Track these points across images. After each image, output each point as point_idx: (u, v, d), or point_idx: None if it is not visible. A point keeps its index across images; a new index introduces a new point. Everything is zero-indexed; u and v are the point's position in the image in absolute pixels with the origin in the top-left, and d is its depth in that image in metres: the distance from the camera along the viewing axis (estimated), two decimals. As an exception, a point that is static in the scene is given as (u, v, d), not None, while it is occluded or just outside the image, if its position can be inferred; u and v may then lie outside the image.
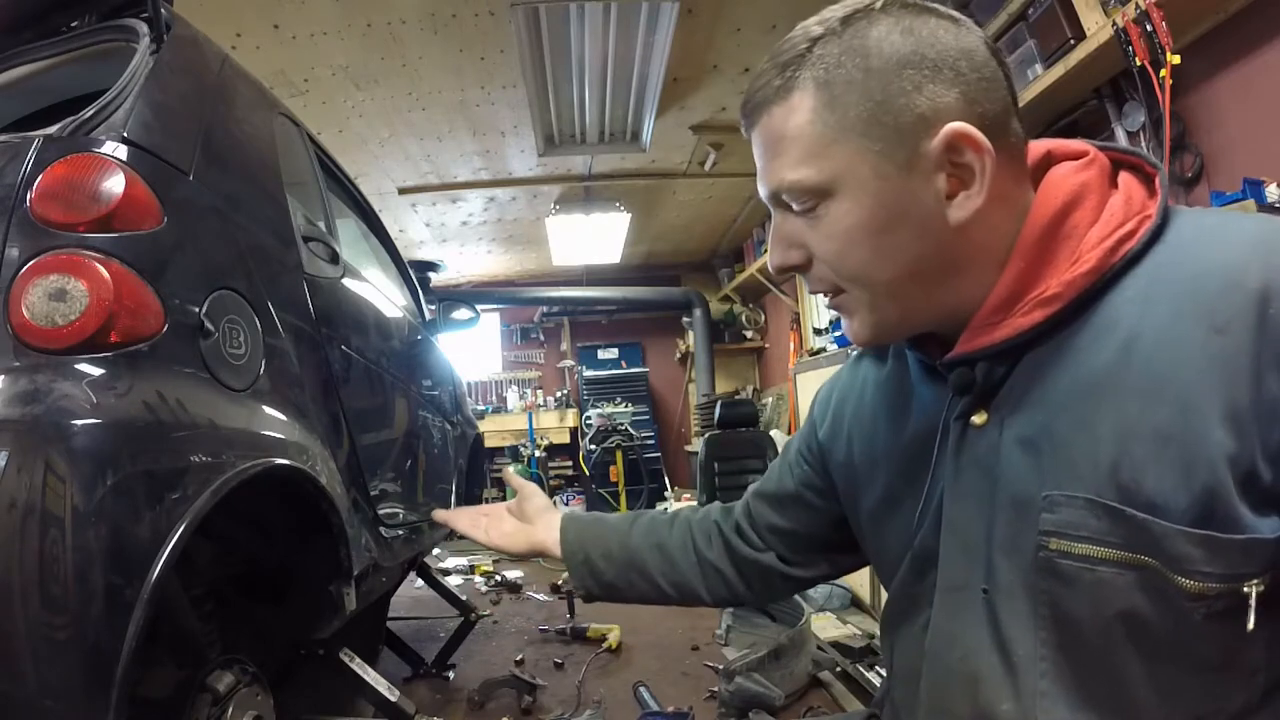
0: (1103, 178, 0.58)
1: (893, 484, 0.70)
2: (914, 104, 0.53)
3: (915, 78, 0.53)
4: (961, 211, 0.55)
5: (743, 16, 2.87)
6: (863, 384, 0.77)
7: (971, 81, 0.54)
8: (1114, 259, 0.53)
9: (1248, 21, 1.88)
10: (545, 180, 4.60)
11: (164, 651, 1.01)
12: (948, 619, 0.62)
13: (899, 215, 0.55)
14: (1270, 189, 1.69)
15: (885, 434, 0.71)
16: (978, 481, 0.59)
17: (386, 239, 2.36)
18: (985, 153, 0.53)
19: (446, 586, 2.90)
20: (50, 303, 0.85)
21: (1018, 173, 0.58)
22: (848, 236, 0.57)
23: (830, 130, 0.55)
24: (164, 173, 1.04)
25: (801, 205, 0.58)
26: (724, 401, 4.53)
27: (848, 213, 0.56)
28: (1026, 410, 0.56)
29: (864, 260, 0.57)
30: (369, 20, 2.77)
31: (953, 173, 0.55)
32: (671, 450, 6.98)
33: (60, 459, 0.77)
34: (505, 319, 7.20)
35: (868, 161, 0.55)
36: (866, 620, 3.05)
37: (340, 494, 1.32)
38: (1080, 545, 0.52)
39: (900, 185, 0.55)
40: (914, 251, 0.56)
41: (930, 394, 0.66)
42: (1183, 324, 0.49)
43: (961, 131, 0.53)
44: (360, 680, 1.47)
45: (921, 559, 0.66)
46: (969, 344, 0.58)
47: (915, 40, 0.54)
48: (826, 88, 0.55)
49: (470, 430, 3.01)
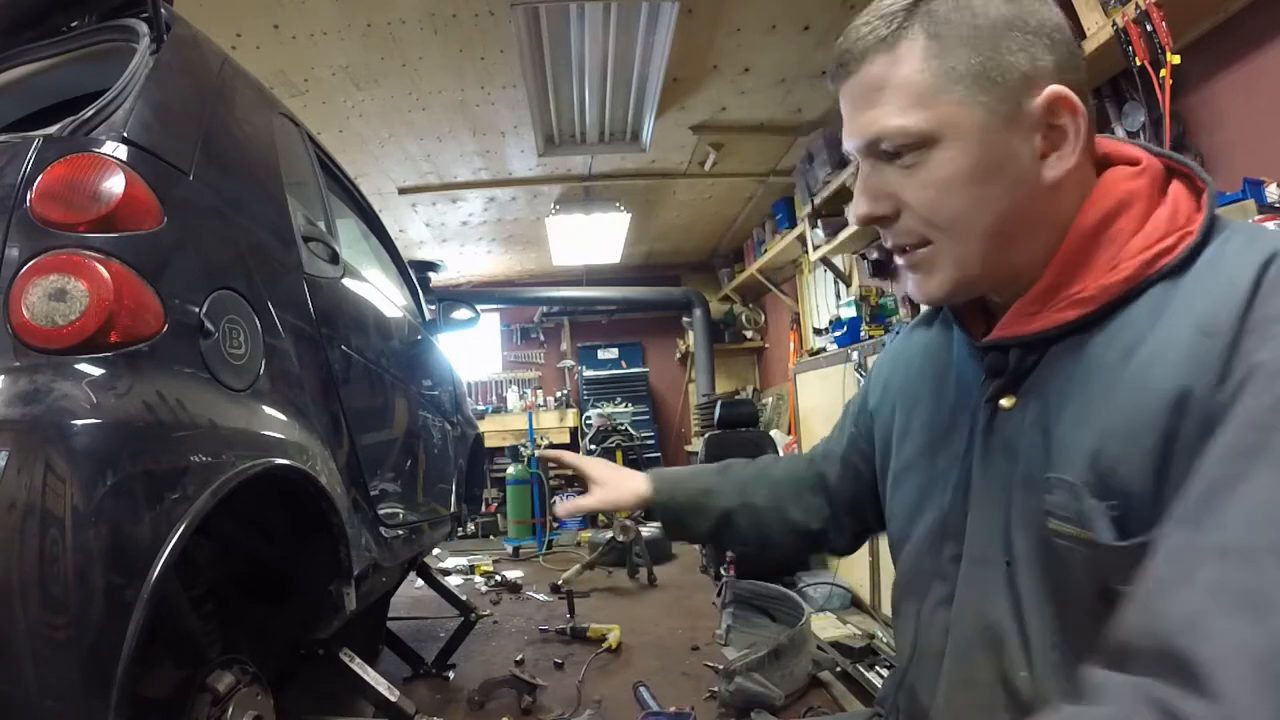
0: (1153, 187, 0.60)
1: (921, 451, 0.73)
2: (1019, 63, 0.56)
3: (1020, 39, 0.56)
4: (1054, 171, 0.58)
5: (743, 16, 2.87)
6: (912, 353, 0.81)
7: (1064, 52, 0.58)
8: (1150, 271, 0.55)
9: (1248, 21, 1.88)
10: (545, 180, 4.60)
11: (164, 651, 1.01)
12: (973, 590, 0.65)
13: (998, 168, 0.58)
14: (1270, 189, 1.69)
15: (926, 402, 0.75)
16: (1002, 462, 0.63)
17: (386, 239, 2.36)
18: (1081, 116, 0.57)
19: (446, 586, 2.90)
20: (50, 303, 0.85)
21: (1091, 148, 0.60)
22: (947, 184, 0.58)
23: (939, 80, 0.57)
24: (164, 173, 1.04)
25: (900, 151, 0.59)
26: (724, 401, 4.53)
27: (950, 160, 0.58)
28: (1046, 399, 0.60)
29: (960, 209, 0.59)
30: (369, 20, 2.77)
31: (1047, 134, 0.57)
32: (671, 450, 6.97)
33: (60, 459, 0.77)
34: (505, 319, 7.19)
35: (974, 114, 0.57)
36: (866, 620, 3.05)
37: (340, 494, 1.32)
38: (1068, 526, 0.55)
39: (1002, 139, 0.57)
40: (1005, 204, 0.58)
41: (970, 371, 0.69)
42: (1181, 331, 0.52)
43: (1062, 94, 0.56)
44: (360, 680, 1.47)
45: (942, 532, 0.69)
46: (1007, 329, 0.62)
47: (1018, 7, 0.57)
48: (936, 39, 0.57)
49: (470, 430, 3.01)
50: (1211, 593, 0.41)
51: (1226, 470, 0.44)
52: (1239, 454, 0.44)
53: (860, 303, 3.74)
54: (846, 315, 3.82)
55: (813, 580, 3.37)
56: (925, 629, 0.70)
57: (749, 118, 3.81)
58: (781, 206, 4.84)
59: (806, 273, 5.30)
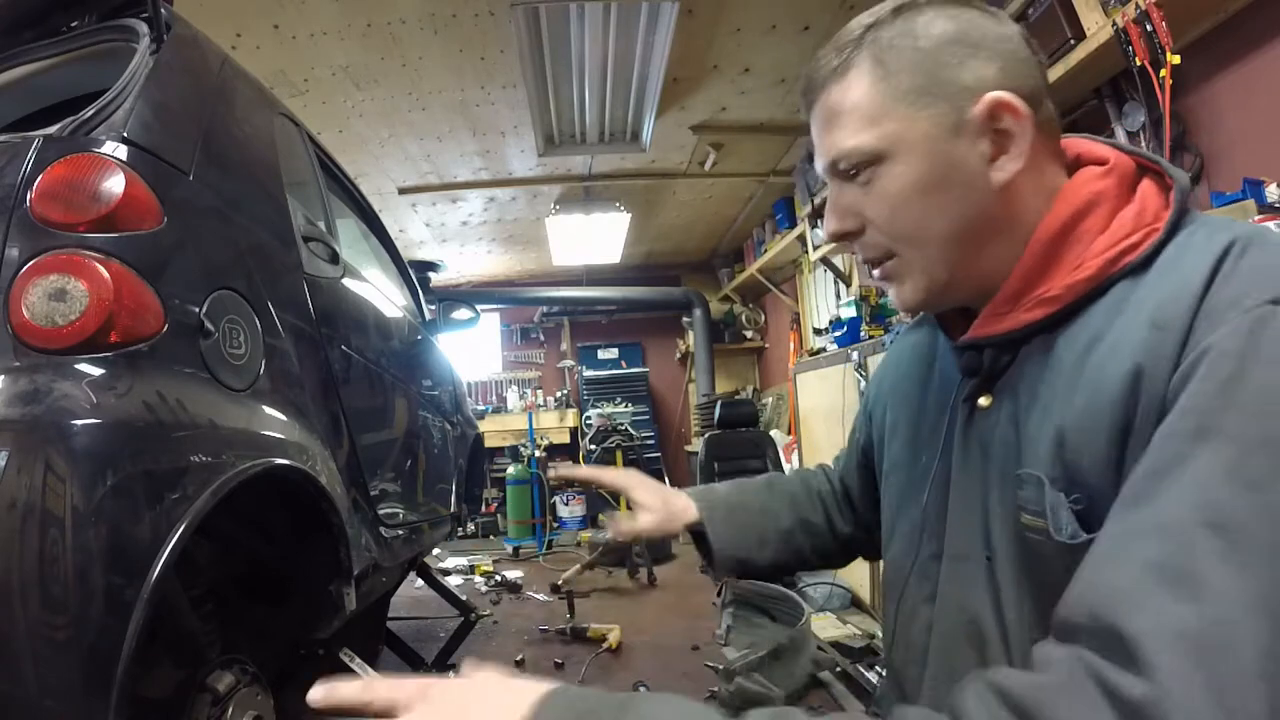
0: (1121, 186, 0.61)
1: (906, 450, 0.76)
2: (959, 76, 0.59)
3: (960, 53, 0.60)
4: (1003, 173, 0.60)
5: (743, 16, 2.87)
6: (903, 355, 0.83)
7: (1009, 60, 0.60)
8: (1113, 269, 0.57)
9: (1248, 21, 1.88)
10: (545, 180, 4.60)
11: (164, 651, 1.00)
12: (954, 586, 0.66)
13: (946, 176, 0.60)
14: (1270, 189, 1.69)
15: (911, 402, 0.77)
16: (979, 459, 0.65)
17: (386, 239, 2.36)
18: (1024, 118, 0.59)
19: (446, 586, 2.90)
20: (50, 303, 0.85)
21: (1051, 150, 0.63)
22: (901, 197, 0.62)
23: (884, 101, 0.61)
24: (164, 173, 1.04)
25: (857, 170, 0.63)
26: (724, 401, 4.53)
27: (901, 174, 0.61)
28: (1018, 397, 0.62)
29: (916, 219, 0.62)
30: (369, 20, 2.77)
31: (994, 139, 0.60)
32: (671, 450, 6.97)
33: (60, 459, 0.77)
34: (505, 319, 7.19)
35: (918, 127, 0.60)
36: (866, 620, 3.05)
37: (340, 494, 1.32)
38: (1037, 520, 0.57)
39: (948, 148, 0.60)
40: (960, 210, 0.61)
41: (951, 371, 0.71)
42: (1135, 325, 0.53)
43: (1002, 99, 0.58)
44: (360, 680, 1.47)
45: (922, 529, 0.70)
46: (980, 330, 0.64)
47: (958, 23, 0.60)
48: (881, 64, 0.61)
49: (470, 430, 3.01)
50: (1145, 568, 0.42)
51: (1173, 451, 0.45)
52: (1185, 436, 0.45)
53: (860, 303, 3.74)
54: (846, 315, 3.81)
55: (813, 580, 3.37)
56: (909, 625, 0.71)
57: (749, 118, 3.81)
58: (781, 206, 4.85)
59: (806, 273, 5.30)
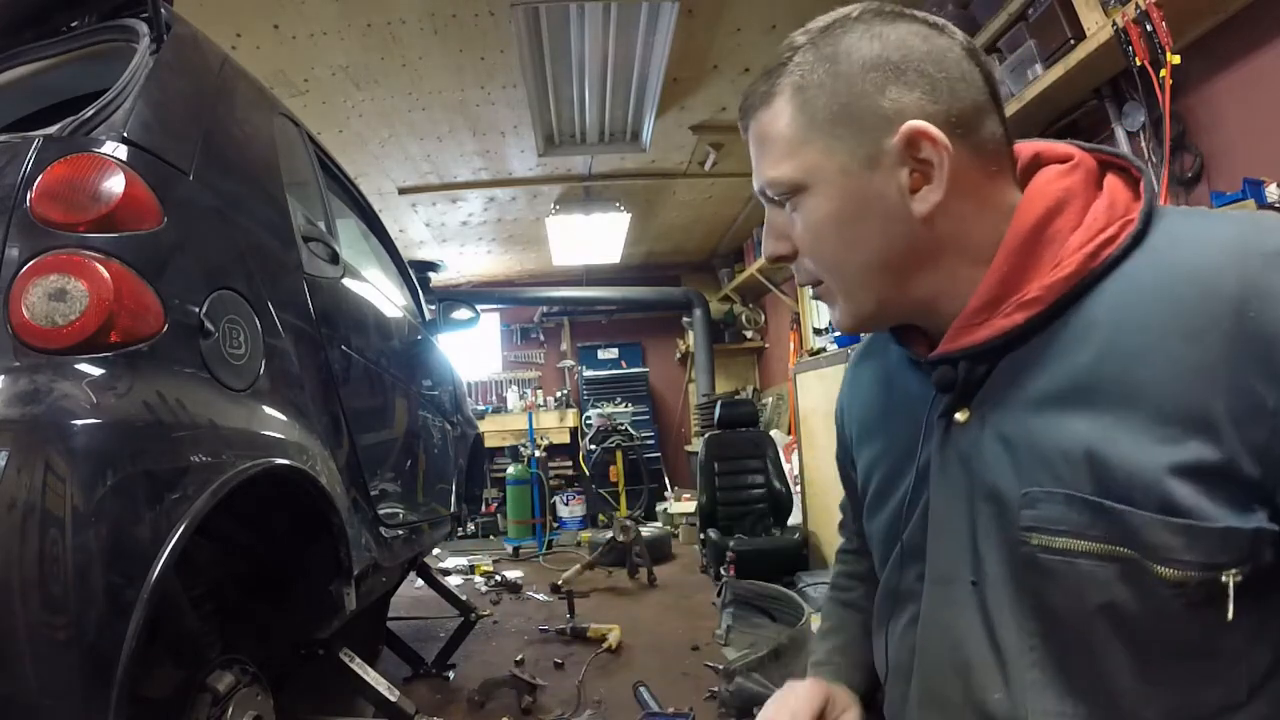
0: (1088, 181, 0.59)
1: (884, 476, 0.73)
2: (877, 104, 0.57)
3: (879, 80, 0.57)
4: (924, 205, 0.58)
5: (743, 16, 2.87)
6: (862, 382, 0.80)
7: (938, 82, 0.57)
8: (1094, 264, 0.55)
9: (1248, 21, 1.88)
10: (545, 180, 4.60)
11: (164, 651, 1.01)
12: (938, 610, 0.63)
13: (864, 208, 0.59)
14: (1270, 189, 1.69)
15: (881, 429, 0.74)
16: (961, 477, 0.61)
17: (386, 239, 2.36)
18: (943, 148, 0.56)
19: (446, 586, 2.90)
20: (50, 303, 0.85)
21: (993, 171, 0.60)
22: (820, 228, 0.61)
23: (802, 131, 0.60)
24: (164, 173, 1.04)
25: (782, 200, 0.63)
26: (724, 401, 4.53)
27: (818, 206, 0.60)
28: (1006, 408, 0.58)
29: (834, 250, 0.61)
30: (369, 20, 2.77)
31: (915, 168, 0.57)
32: (671, 450, 6.97)
33: (60, 459, 0.77)
34: (505, 319, 7.19)
35: (835, 160, 0.59)
36: (866, 620, 3.05)
37: (340, 494, 1.32)
38: (1060, 539, 0.53)
39: (864, 180, 0.58)
40: (880, 242, 0.60)
41: (915, 389, 0.68)
42: (1159, 333, 0.51)
43: (918, 129, 0.56)
44: (360, 680, 1.47)
45: (906, 553, 0.68)
46: (952, 343, 0.61)
47: (882, 45, 0.58)
48: (800, 92, 0.60)
49: (470, 430, 3.01)
50: None
51: None
52: None
53: (860, 303, 3.73)
54: (846, 315, 3.81)
55: (813, 580, 3.37)
56: (896, 649, 0.70)
57: (749, 118, 3.81)
58: (781, 206, 4.84)
59: (806, 273, 5.29)
